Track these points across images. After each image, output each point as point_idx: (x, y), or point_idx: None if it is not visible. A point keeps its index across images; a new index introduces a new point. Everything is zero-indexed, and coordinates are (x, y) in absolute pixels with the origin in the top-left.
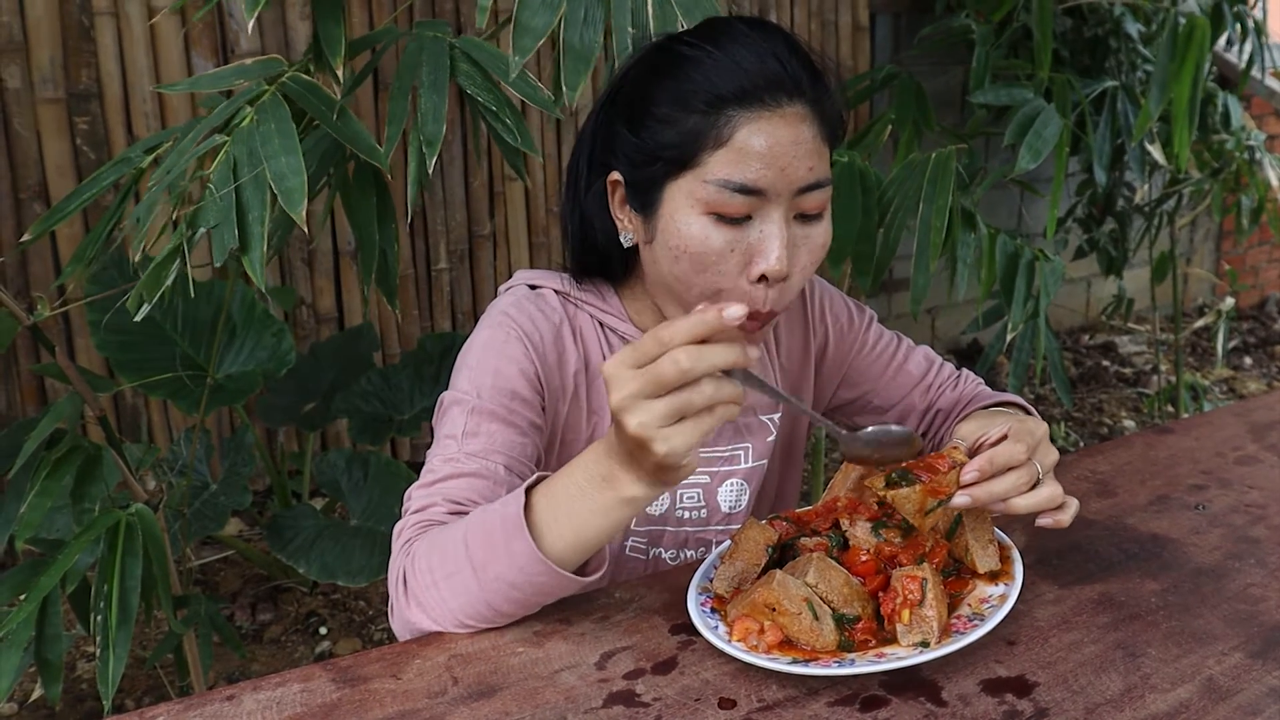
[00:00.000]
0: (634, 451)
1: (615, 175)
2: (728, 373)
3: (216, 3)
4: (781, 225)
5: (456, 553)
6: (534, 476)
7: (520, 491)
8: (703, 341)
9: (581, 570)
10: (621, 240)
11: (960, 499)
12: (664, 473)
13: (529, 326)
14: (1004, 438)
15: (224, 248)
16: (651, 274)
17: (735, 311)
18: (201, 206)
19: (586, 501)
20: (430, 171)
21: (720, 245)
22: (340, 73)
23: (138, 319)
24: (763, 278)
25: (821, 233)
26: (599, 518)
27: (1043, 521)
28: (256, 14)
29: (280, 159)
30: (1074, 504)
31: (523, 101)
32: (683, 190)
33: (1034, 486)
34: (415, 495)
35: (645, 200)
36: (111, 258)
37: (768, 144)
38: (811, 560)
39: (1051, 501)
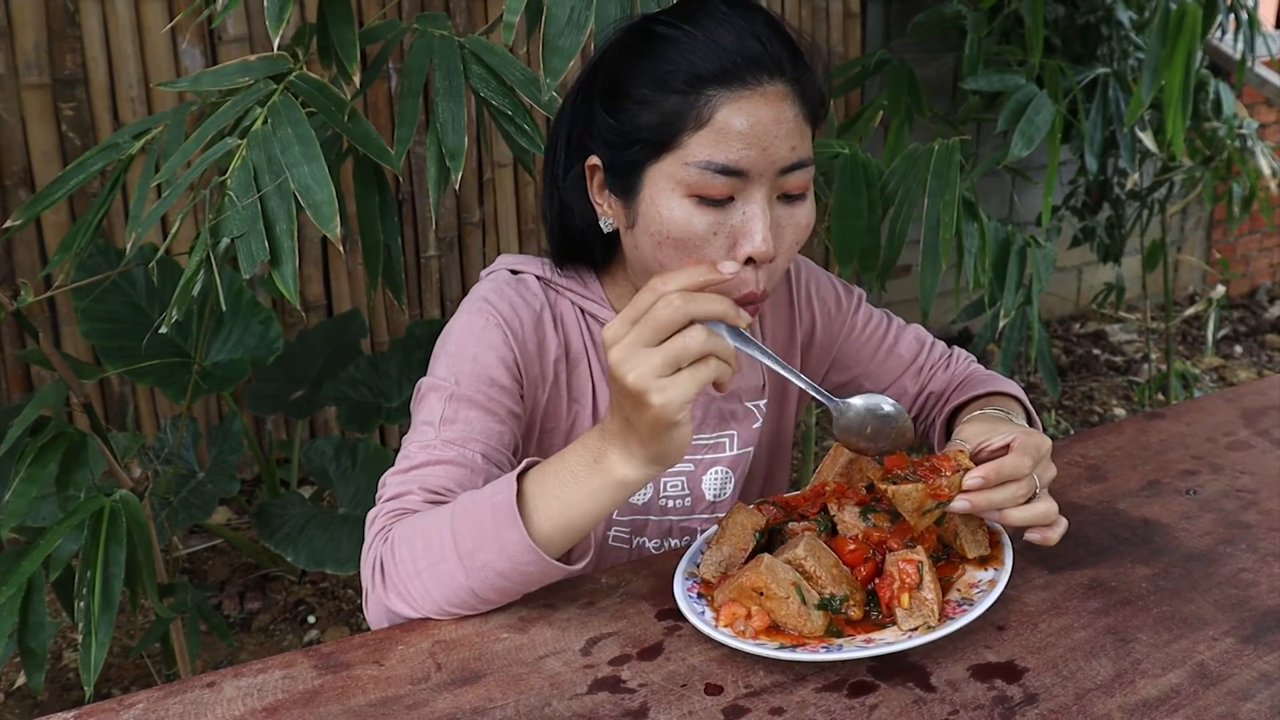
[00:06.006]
0: (631, 414)
1: (593, 160)
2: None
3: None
4: (765, 206)
5: (441, 541)
6: (524, 463)
7: (511, 479)
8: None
9: (568, 558)
10: (601, 226)
11: (959, 504)
12: (659, 438)
13: (509, 313)
14: (1007, 448)
15: (252, 260)
16: (633, 259)
17: (730, 266)
18: (224, 217)
19: (578, 485)
20: (457, 182)
21: (703, 229)
22: (356, 76)
23: (164, 330)
24: (749, 260)
25: (805, 213)
26: (588, 501)
27: (1031, 536)
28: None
29: (302, 167)
30: (1063, 523)
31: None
32: (663, 173)
33: (1030, 500)
34: (390, 482)
35: (625, 184)
36: (98, 245)
37: (749, 123)
38: (802, 536)
39: (1046, 517)
